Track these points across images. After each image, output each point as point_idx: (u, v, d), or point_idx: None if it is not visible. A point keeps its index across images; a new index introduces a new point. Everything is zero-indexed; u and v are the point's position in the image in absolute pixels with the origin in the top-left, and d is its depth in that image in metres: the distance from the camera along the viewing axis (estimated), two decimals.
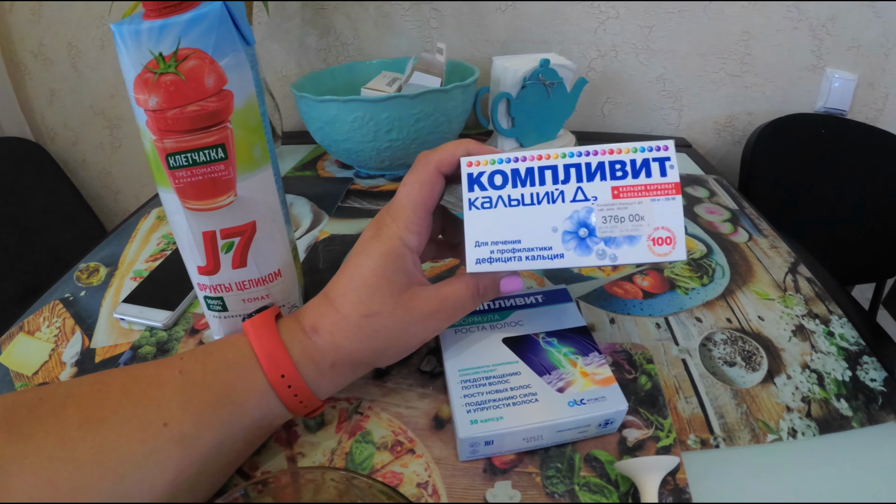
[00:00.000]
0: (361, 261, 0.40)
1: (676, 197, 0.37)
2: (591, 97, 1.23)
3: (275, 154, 0.45)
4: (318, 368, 0.39)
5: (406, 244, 0.40)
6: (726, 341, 0.54)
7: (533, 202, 0.39)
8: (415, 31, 1.15)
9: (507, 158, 0.39)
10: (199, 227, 0.43)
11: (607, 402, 0.41)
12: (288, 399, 0.38)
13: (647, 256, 0.38)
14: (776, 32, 1.18)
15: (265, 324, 0.39)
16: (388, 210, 0.41)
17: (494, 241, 0.39)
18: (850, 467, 0.43)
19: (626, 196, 0.38)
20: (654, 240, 0.37)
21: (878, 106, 1.29)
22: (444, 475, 0.40)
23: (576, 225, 0.38)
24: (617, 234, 0.38)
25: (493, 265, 0.39)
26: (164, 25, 0.36)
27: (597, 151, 0.38)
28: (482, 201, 0.39)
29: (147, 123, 0.39)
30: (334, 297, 0.40)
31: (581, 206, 0.38)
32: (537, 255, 0.38)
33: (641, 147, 0.38)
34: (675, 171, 0.38)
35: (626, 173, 0.38)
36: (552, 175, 0.39)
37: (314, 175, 0.94)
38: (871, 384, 0.50)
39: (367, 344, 0.39)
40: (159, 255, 0.68)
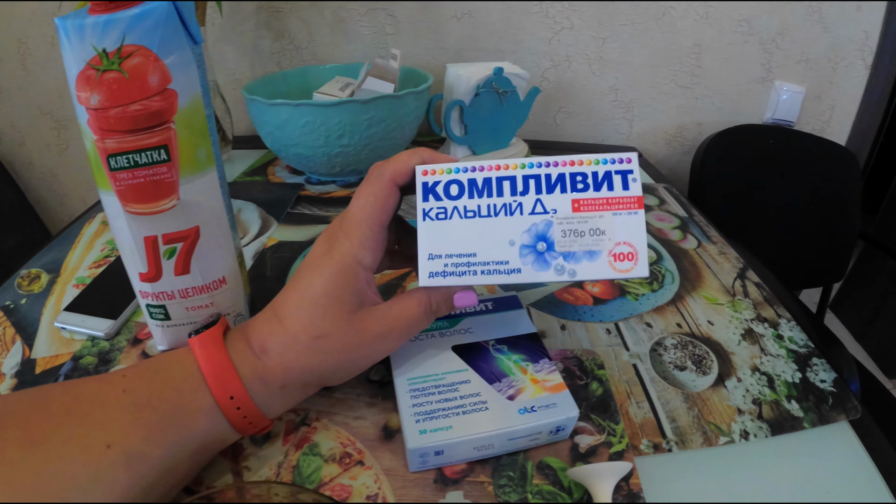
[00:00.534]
0: (312, 279, 0.38)
1: (639, 211, 0.36)
2: (544, 106, 1.25)
3: (220, 157, 0.44)
4: (268, 389, 0.38)
5: (359, 262, 0.38)
6: (676, 346, 0.55)
7: (490, 214, 0.37)
8: (370, 37, 1.14)
9: (463, 168, 0.38)
10: (140, 231, 0.41)
11: (558, 408, 0.41)
12: (237, 420, 0.37)
13: (607, 272, 0.37)
14: (727, 46, 1.21)
15: (213, 341, 0.37)
16: (341, 224, 0.39)
17: (449, 254, 0.37)
18: (803, 467, 0.44)
19: (587, 209, 0.37)
20: (616, 255, 0.36)
21: (824, 118, 1.33)
22: (395, 487, 0.39)
23: (534, 238, 0.37)
24: (577, 248, 0.37)
25: (446, 279, 0.37)
26: (108, 21, 0.35)
27: (557, 163, 0.37)
28: (437, 212, 0.37)
29: (88, 122, 0.37)
30: (284, 316, 0.38)
31: (540, 219, 0.37)
32: (493, 269, 0.37)
33: (604, 159, 0.37)
34: (638, 185, 0.37)
35: (587, 186, 0.37)
36: (510, 186, 0.37)
37: (264, 180, 0.92)
38: (821, 385, 0.51)
39: (318, 365, 0.38)
40: (103, 262, 0.66)
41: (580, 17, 1.15)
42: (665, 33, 1.18)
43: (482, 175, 0.37)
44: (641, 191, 0.37)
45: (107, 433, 0.33)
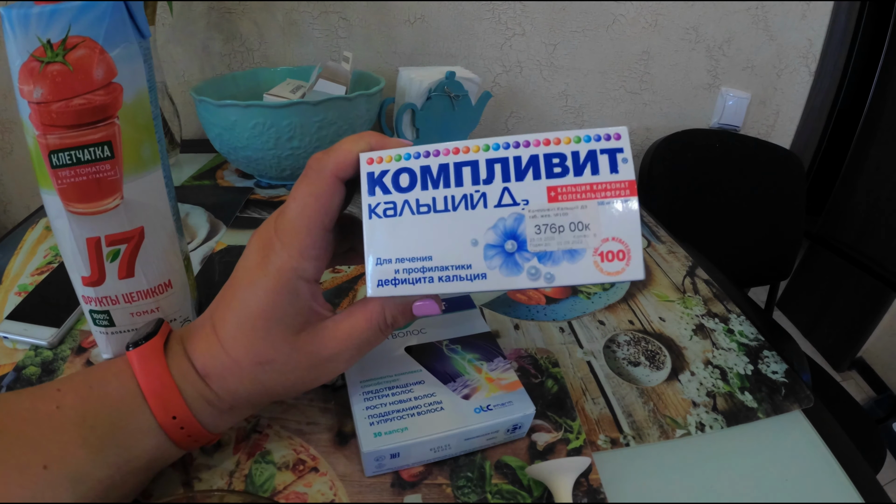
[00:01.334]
0: (248, 298, 0.34)
1: (631, 199, 0.30)
2: (495, 111, 1.26)
3: (166, 155, 0.43)
4: (215, 410, 0.35)
5: (300, 276, 0.33)
6: (629, 342, 0.55)
7: (447, 208, 0.31)
8: (322, 40, 1.14)
9: (415, 153, 0.32)
10: (82, 232, 0.40)
11: (514, 406, 0.40)
12: (181, 439, 0.35)
13: (593, 275, 0.30)
14: (674, 53, 1.24)
15: (153, 356, 0.34)
16: (277, 230, 0.34)
17: (400, 258, 0.32)
18: (760, 456, 0.45)
19: (567, 198, 0.31)
20: (602, 254, 0.30)
21: (769, 122, 1.37)
22: (351, 492, 0.39)
23: (501, 236, 0.31)
24: (554, 247, 0.31)
25: (398, 288, 0.32)
26: (54, 10, 0.34)
27: (528, 142, 0.31)
28: (384, 207, 0.32)
29: (31, 117, 0.36)
30: (223, 338, 0.34)
31: (508, 212, 0.31)
32: (453, 275, 0.31)
33: (587, 136, 0.31)
34: (630, 166, 0.31)
35: (566, 169, 0.31)
36: (472, 173, 0.31)
37: (213, 184, 0.90)
38: (773, 376, 0.53)
39: (264, 390, 0.36)
40: (46, 269, 0.64)
41: (532, 23, 1.16)
42: (615, 40, 1.21)
43: (437, 161, 0.32)
44: (634, 173, 0.31)
45: (42, 454, 0.31)
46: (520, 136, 0.31)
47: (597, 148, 0.31)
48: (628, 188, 0.30)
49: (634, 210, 0.30)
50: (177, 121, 0.94)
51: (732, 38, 1.25)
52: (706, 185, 1.28)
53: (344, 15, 1.11)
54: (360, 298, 0.36)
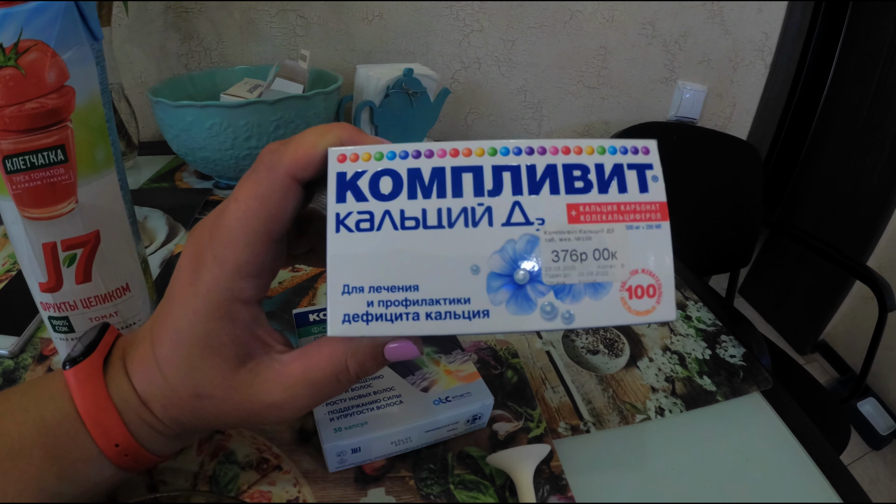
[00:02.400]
0: (179, 318, 0.28)
1: (662, 224, 0.25)
2: (454, 108, 1.27)
3: (120, 158, 0.43)
4: (161, 436, 0.31)
5: (236, 297, 0.27)
6: (588, 331, 0.56)
7: (441, 224, 0.25)
8: (280, 39, 1.13)
9: (401, 152, 0.26)
10: (38, 238, 0.39)
11: (473, 397, 0.41)
12: (126, 465, 0.31)
13: (619, 315, 0.25)
14: (631, 48, 1.26)
15: (91, 377, 0.30)
16: (211, 238, 0.27)
17: (376, 287, 0.25)
18: (721, 437, 0.46)
19: (591, 220, 0.25)
20: (631, 289, 0.25)
21: (726, 114, 1.40)
22: (315, 489, 0.39)
23: (510, 264, 0.25)
24: (575, 279, 0.25)
25: (370, 326, 0.25)
26: (6, 14, 0.33)
27: (545, 149, 0.26)
28: (358, 219, 0.25)
29: None
30: (161, 360, 0.29)
31: (519, 232, 0.25)
32: (446, 311, 0.24)
33: (611, 147, 0.26)
34: (661, 186, 0.26)
35: (589, 185, 0.25)
36: (474, 181, 0.25)
37: (171, 186, 0.90)
38: (731, 360, 0.54)
39: (207, 423, 0.31)
40: (4, 277, 0.63)
41: (490, 19, 1.17)
42: (572, 36, 1.22)
43: (430, 163, 0.25)
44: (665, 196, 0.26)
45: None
46: (533, 140, 0.26)
47: (623, 162, 0.26)
48: (660, 211, 0.26)
49: (666, 237, 0.25)
50: (134, 123, 0.93)
51: (688, 32, 1.27)
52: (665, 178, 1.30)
53: (302, 13, 1.10)
54: (320, 338, 0.29)
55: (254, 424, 0.32)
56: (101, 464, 0.30)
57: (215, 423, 0.31)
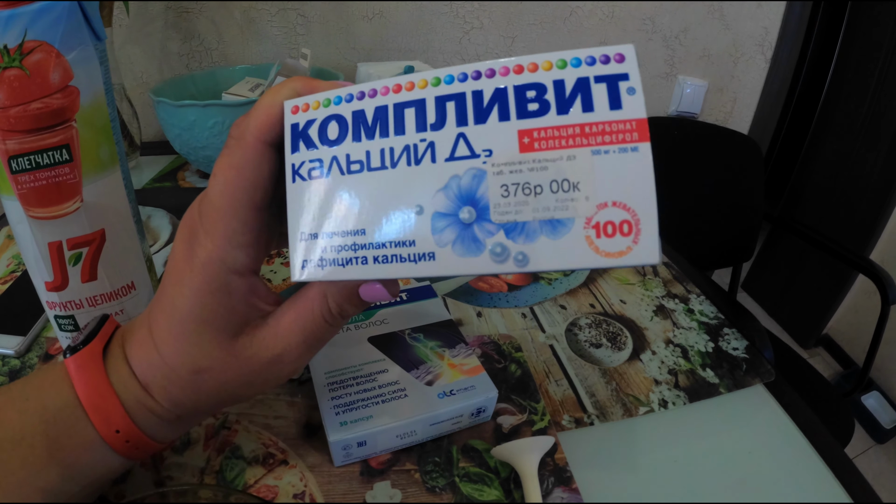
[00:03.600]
0: (176, 297, 0.29)
1: (640, 145, 0.21)
2: None
3: (124, 157, 0.43)
4: (162, 420, 0.31)
5: (230, 268, 0.28)
6: (591, 325, 0.56)
7: (384, 165, 0.24)
8: (281, 38, 1.13)
9: (347, 95, 0.25)
10: (44, 237, 0.40)
11: (476, 390, 0.41)
12: (127, 452, 0.31)
13: (583, 257, 0.21)
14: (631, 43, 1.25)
15: (90, 363, 0.30)
16: (201, 214, 0.28)
17: (328, 233, 0.25)
18: (724, 429, 0.46)
19: (547, 147, 0.22)
20: (599, 226, 0.21)
21: (727, 109, 1.40)
22: (321, 483, 0.39)
23: (455, 202, 0.23)
24: (528, 216, 0.22)
25: (325, 270, 0.25)
26: (10, 15, 0.34)
27: (493, 71, 0.22)
28: (310, 167, 0.25)
29: None
30: (159, 342, 0.30)
31: (464, 166, 0.23)
32: (392, 254, 0.24)
33: (575, 59, 0.22)
34: (639, 99, 0.21)
35: (545, 105, 0.22)
36: (416, 116, 0.23)
37: (174, 186, 0.90)
38: (734, 352, 0.54)
39: (209, 399, 0.31)
40: (10, 277, 0.63)
41: (490, 16, 1.17)
42: (572, 32, 1.22)
43: (373, 103, 0.24)
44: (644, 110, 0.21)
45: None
46: (484, 62, 0.23)
47: (590, 74, 0.21)
48: (637, 130, 0.21)
49: (647, 163, 0.21)
50: (136, 123, 0.93)
51: (688, 27, 1.27)
52: (666, 172, 1.30)
53: (302, 12, 1.11)
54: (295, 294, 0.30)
55: (255, 391, 0.32)
56: (103, 451, 0.31)
57: (216, 397, 0.31)
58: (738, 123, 1.44)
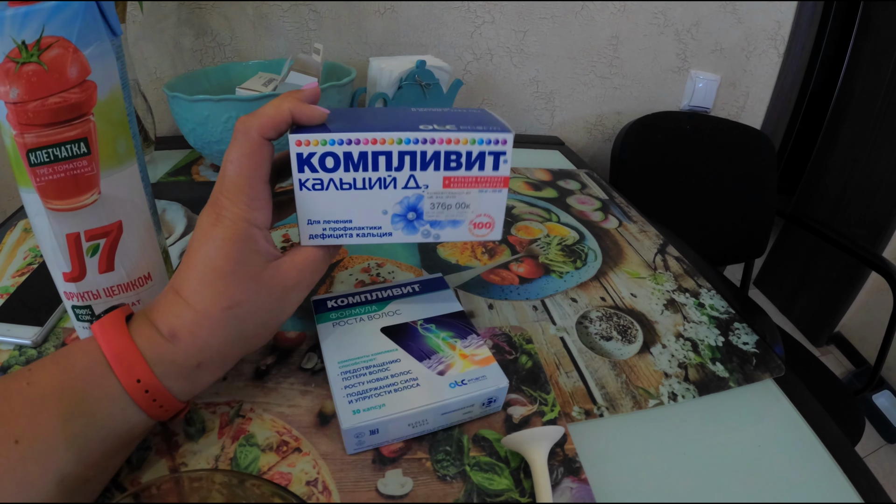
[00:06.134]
0: (209, 251, 0.36)
1: (503, 189, 0.41)
2: (466, 99, 1.26)
3: (141, 150, 0.44)
4: (181, 372, 0.36)
5: (252, 223, 0.37)
6: (602, 318, 0.57)
7: (365, 187, 0.39)
8: (293, 33, 1.13)
9: (339, 140, 0.37)
10: (62, 229, 0.40)
11: (488, 380, 0.42)
12: (146, 405, 0.35)
13: (466, 237, 0.42)
14: (643, 37, 1.25)
15: (114, 324, 0.36)
16: (222, 191, 0.37)
17: (327, 220, 0.40)
18: (733, 422, 0.47)
19: (457, 186, 0.40)
20: (476, 224, 0.41)
21: (739, 103, 1.39)
22: (334, 470, 0.40)
23: (405, 209, 0.40)
24: (443, 218, 0.41)
25: (325, 240, 0.40)
26: (28, 12, 0.34)
27: (434, 140, 0.38)
28: (313, 182, 0.38)
29: (7, 117, 0.36)
30: (188, 295, 0.36)
31: (412, 193, 0.40)
32: (367, 232, 0.41)
33: (480, 139, 0.38)
34: (508, 166, 0.40)
35: (459, 164, 0.39)
36: (386, 161, 0.38)
37: (188, 180, 0.90)
38: (744, 347, 0.54)
39: (236, 335, 0.37)
40: (26, 270, 0.64)
41: (501, 11, 1.17)
42: (584, 26, 1.22)
43: (358, 149, 0.38)
44: (509, 171, 0.40)
45: (13, 428, 0.31)
46: (428, 133, 0.38)
47: (486, 150, 0.39)
48: (503, 182, 0.40)
49: (504, 197, 0.41)
50: (150, 118, 0.94)
51: (700, 21, 1.26)
52: (678, 167, 1.30)
53: (314, 7, 1.11)
54: None
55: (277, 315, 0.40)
56: (125, 403, 0.35)
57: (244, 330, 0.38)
58: (751, 118, 1.43)
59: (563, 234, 0.74)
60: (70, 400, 0.33)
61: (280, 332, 0.52)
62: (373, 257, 0.66)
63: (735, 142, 1.31)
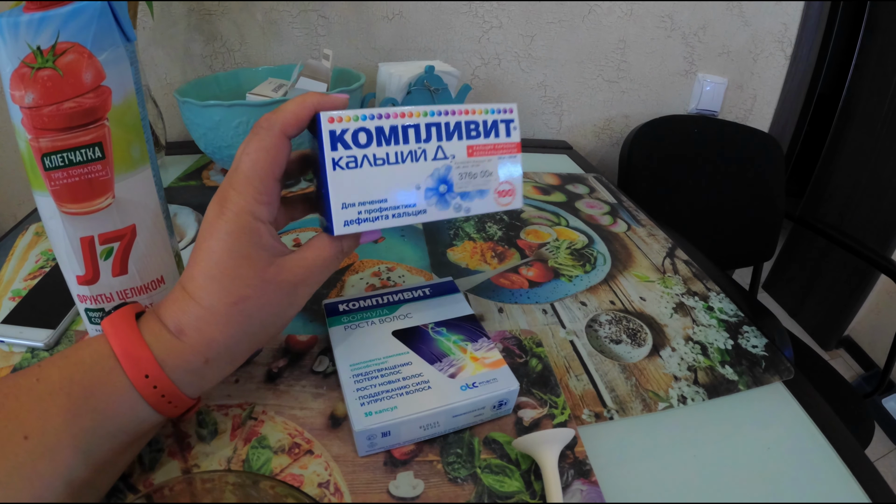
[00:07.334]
0: (212, 245, 0.36)
1: (517, 155, 0.42)
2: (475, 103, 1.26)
3: (154, 155, 0.44)
4: (189, 367, 0.36)
5: (256, 217, 0.36)
6: (611, 321, 0.57)
7: (398, 161, 0.38)
8: (302, 39, 1.14)
9: (370, 115, 0.37)
10: (76, 232, 0.41)
11: (499, 383, 0.42)
12: (155, 401, 0.35)
13: (493, 206, 0.42)
14: (650, 41, 1.25)
15: (123, 320, 0.36)
16: (231, 183, 0.36)
17: (361, 202, 0.38)
18: (742, 425, 0.47)
19: (480, 154, 0.41)
20: (500, 192, 0.42)
21: (747, 106, 1.39)
22: (345, 472, 0.40)
23: (437, 182, 0.40)
24: (471, 188, 0.41)
25: (361, 225, 0.38)
26: (43, 18, 0.35)
27: (454, 111, 0.40)
28: (347, 160, 0.37)
29: (22, 122, 0.37)
30: (193, 291, 0.36)
31: (441, 164, 0.40)
32: (402, 212, 0.39)
33: (491, 109, 0.41)
34: (518, 132, 0.42)
35: (479, 133, 0.40)
36: (415, 133, 0.39)
37: (199, 185, 0.91)
38: (753, 350, 0.54)
39: (243, 331, 0.37)
40: (38, 273, 0.65)
41: (508, 15, 1.17)
42: (591, 30, 1.22)
43: (389, 123, 0.38)
44: (520, 137, 0.42)
45: (23, 424, 0.31)
46: (448, 105, 0.40)
47: (498, 118, 0.41)
48: (516, 148, 0.42)
49: (519, 163, 0.42)
50: (161, 123, 0.94)
51: (707, 24, 1.26)
52: (686, 171, 1.30)
53: (323, 13, 1.11)
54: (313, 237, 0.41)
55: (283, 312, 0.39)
56: (133, 399, 0.34)
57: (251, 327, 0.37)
58: (759, 121, 1.43)
59: (572, 238, 0.74)
60: (79, 395, 0.33)
61: (292, 336, 0.52)
62: (383, 261, 0.66)
63: (743, 145, 1.31)
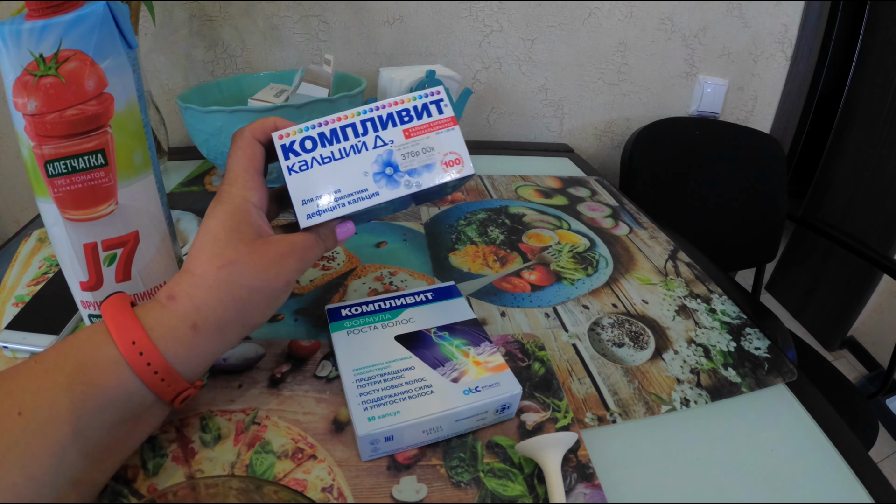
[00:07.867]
0: (208, 224, 0.40)
1: (455, 127, 0.45)
2: (476, 107, 1.27)
3: (157, 161, 0.44)
4: (176, 335, 0.37)
5: (249, 200, 0.41)
6: (613, 324, 0.57)
7: (343, 156, 0.43)
8: (303, 44, 1.14)
9: (311, 125, 0.43)
10: (79, 239, 0.41)
11: (501, 387, 0.42)
12: (144, 371, 0.35)
13: (443, 176, 0.44)
14: (651, 43, 1.26)
15: (118, 297, 0.38)
16: (225, 181, 0.42)
17: (319, 195, 0.42)
18: (745, 427, 0.47)
19: (416, 134, 0.44)
20: (446, 163, 0.44)
21: (748, 107, 1.39)
22: (349, 477, 0.40)
23: (382, 166, 0.43)
24: (416, 165, 0.44)
25: (322, 216, 0.42)
26: (45, 26, 0.35)
27: (384, 105, 0.44)
28: (299, 165, 0.42)
29: (25, 129, 0.37)
30: (188, 264, 0.39)
31: (382, 150, 0.43)
32: (357, 197, 0.43)
33: (419, 95, 0.45)
34: (450, 108, 0.45)
35: (412, 117, 0.44)
36: (353, 131, 0.43)
37: (201, 190, 0.91)
38: (756, 352, 0.54)
39: (230, 296, 0.38)
40: (42, 279, 0.65)
41: (509, 19, 1.17)
42: (591, 33, 1.22)
43: (328, 127, 0.43)
44: (452, 111, 0.45)
45: (17, 401, 0.32)
46: (378, 103, 0.44)
47: (427, 101, 0.45)
48: (451, 121, 0.45)
49: (458, 133, 0.45)
50: (163, 129, 0.94)
51: (707, 26, 1.26)
52: (688, 172, 1.30)
53: (324, 18, 1.12)
54: None
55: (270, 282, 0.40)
56: (122, 370, 0.35)
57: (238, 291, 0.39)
58: (760, 122, 1.43)
59: (573, 242, 0.74)
60: (72, 369, 0.34)
61: (295, 341, 0.52)
62: (385, 266, 0.66)
63: (744, 146, 1.31)
